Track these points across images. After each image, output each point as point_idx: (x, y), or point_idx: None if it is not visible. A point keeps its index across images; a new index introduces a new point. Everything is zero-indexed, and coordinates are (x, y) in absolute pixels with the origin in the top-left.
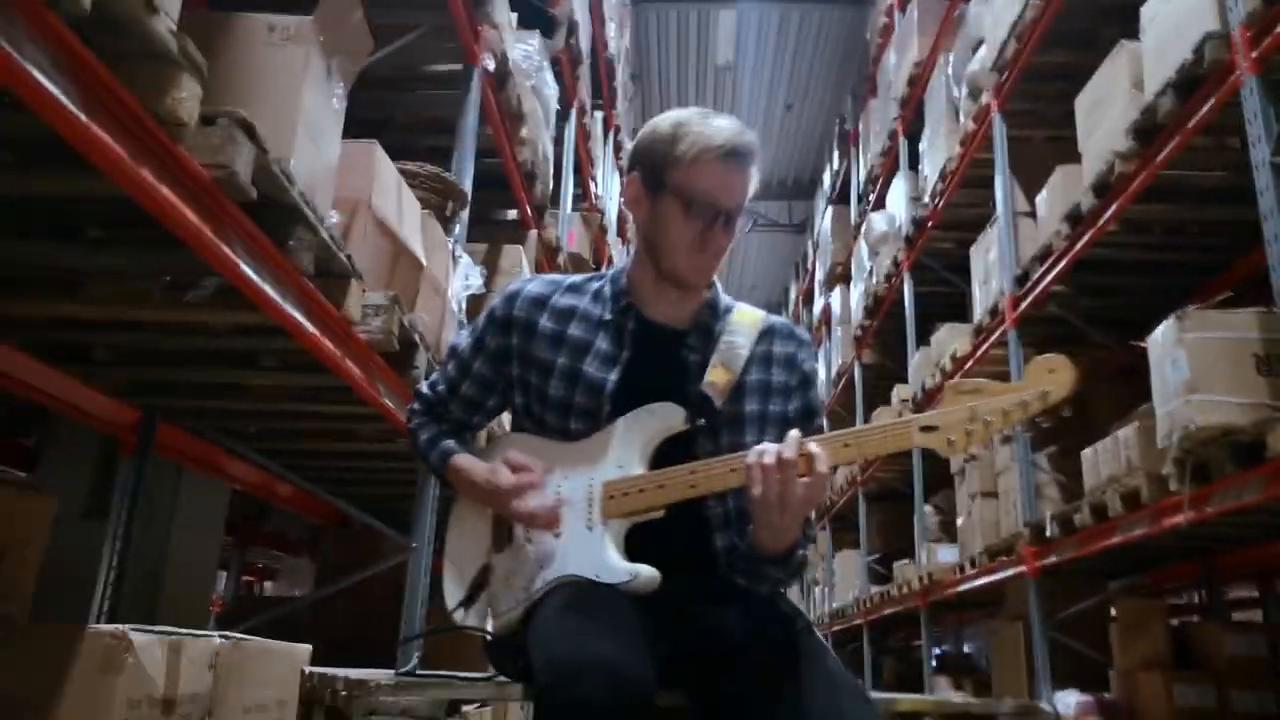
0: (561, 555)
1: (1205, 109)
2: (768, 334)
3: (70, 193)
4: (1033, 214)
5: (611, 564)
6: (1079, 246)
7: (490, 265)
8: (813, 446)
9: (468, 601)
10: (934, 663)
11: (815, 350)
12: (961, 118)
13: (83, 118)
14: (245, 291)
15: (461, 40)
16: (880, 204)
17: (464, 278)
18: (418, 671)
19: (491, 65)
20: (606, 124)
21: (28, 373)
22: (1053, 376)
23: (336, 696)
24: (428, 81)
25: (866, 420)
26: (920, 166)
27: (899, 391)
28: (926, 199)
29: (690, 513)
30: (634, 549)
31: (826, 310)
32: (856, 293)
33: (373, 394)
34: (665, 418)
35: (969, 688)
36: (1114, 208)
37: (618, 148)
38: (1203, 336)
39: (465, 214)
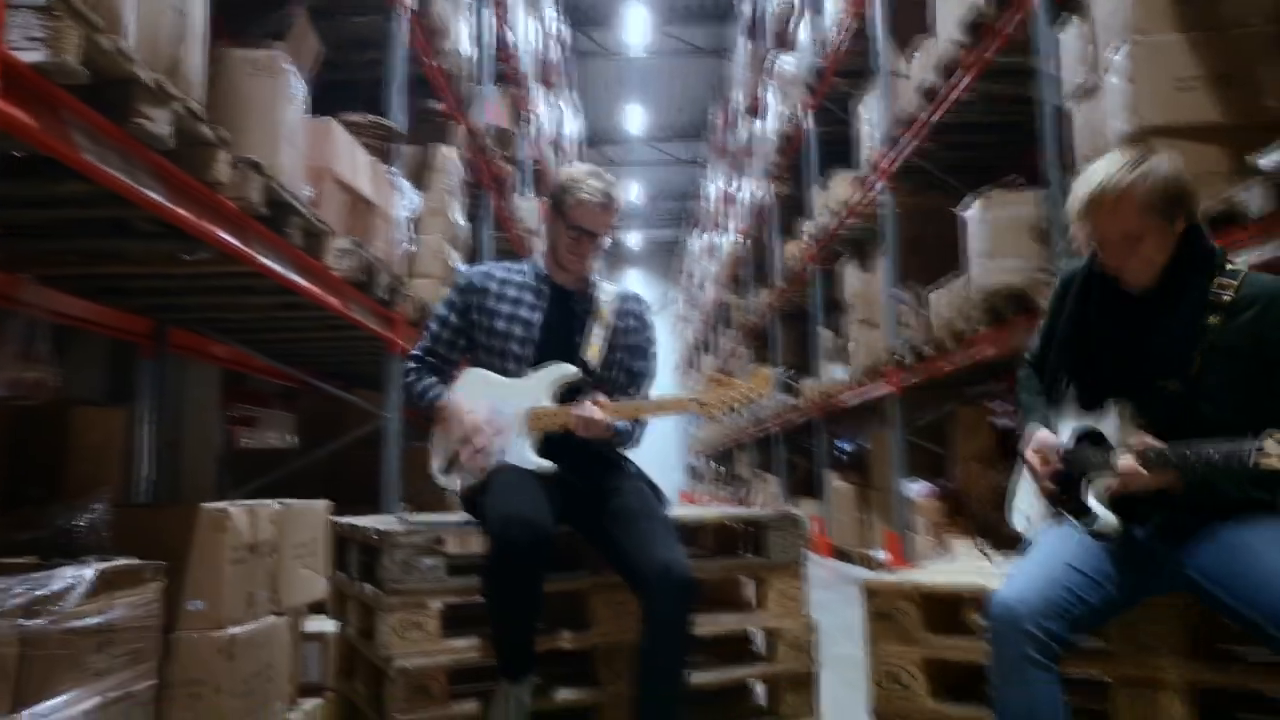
0: (502, 450)
1: (1012, 23)
2: (624, 297)
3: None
4: (908, 75)
5: (529, 458)
6: (933, 118)
7: (424, 164)
8: (604, 413)
9: (446, 471)
10: (831, 460)
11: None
12: None
13: (166, 202)
14: (258, 269)
15: None
16: (789, 45)
17: (405, 202)
18: (411, 516)
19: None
20: None
21: (72, 307)
22: (761, 381)
23: (368, 538)
24: (355, 8)
25: (779, 244)
26: (823, 11)
27: (803, 226)
28: (826, 47)
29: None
30: (545, 449)
31: (743, 143)
32: (768, 128)
33: (347, 312)
34: (565, 372)
35: (855, 479)
36: (956, 88)
37: None
38: (998, 213)
39: (401, 147)
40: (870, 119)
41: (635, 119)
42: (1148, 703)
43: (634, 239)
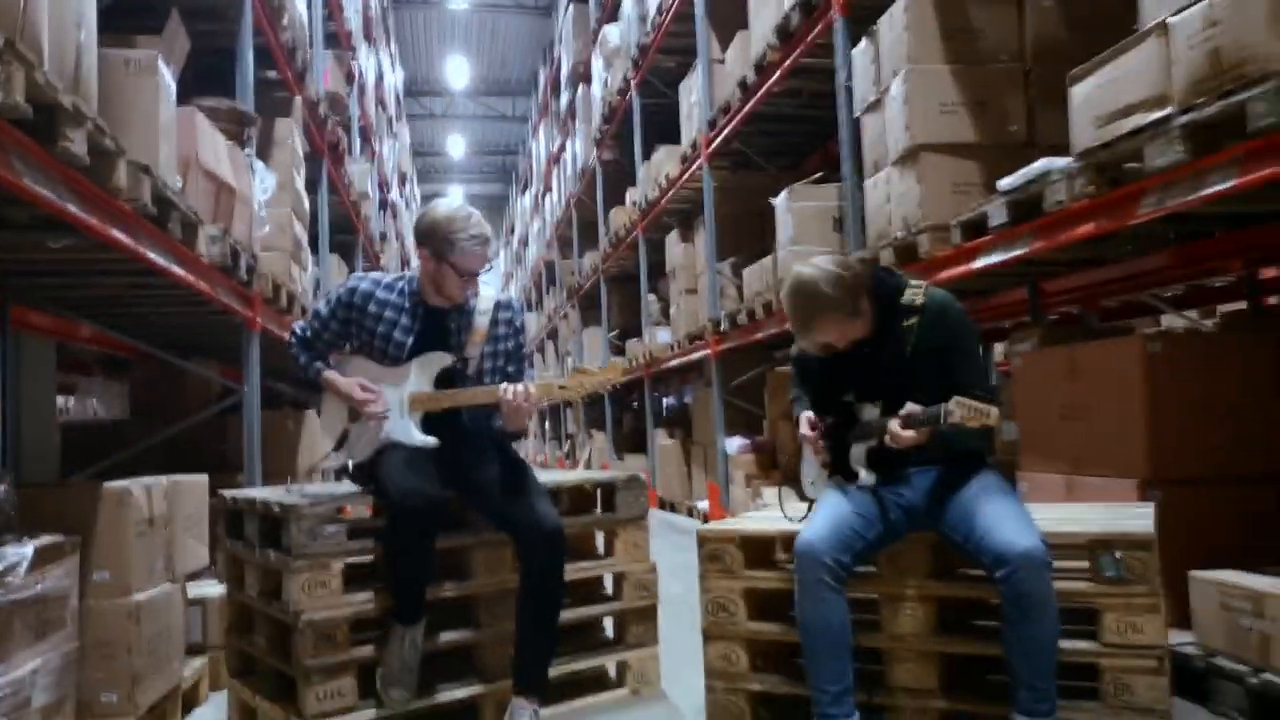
0: (389, 430)
1: (816, 30)
2: (497, 306)
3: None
4: (726, 62)
5: (415, 436)
6: (748, 107)
7: (268, 139)
8: (532, 388)
9: (337, 447)
10: (656, 419)
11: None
12: None
13: (82, 214)
14: (145, 263)
15: None
16: (613, 17)
17: (261, 186)
18: (303, 488)
19: None
20: None
21: None
22: (615, 370)
23: (270, 510)
24: None
25: (607, 209)
26: None
27: (630, 194)
28: (649, 26)
29: (453, 411)
30: (429, 427)
31: (571, 106)
32: (596, 96)
33: (215, 296)
34: (441, 360)
35: (679, 435)
36: (769, 83)
37: None
38: (801, 204)
39: (255, 130)
40: (692, 100)
41: (458, 71)
42: (903, 612)
43: (456, 194)
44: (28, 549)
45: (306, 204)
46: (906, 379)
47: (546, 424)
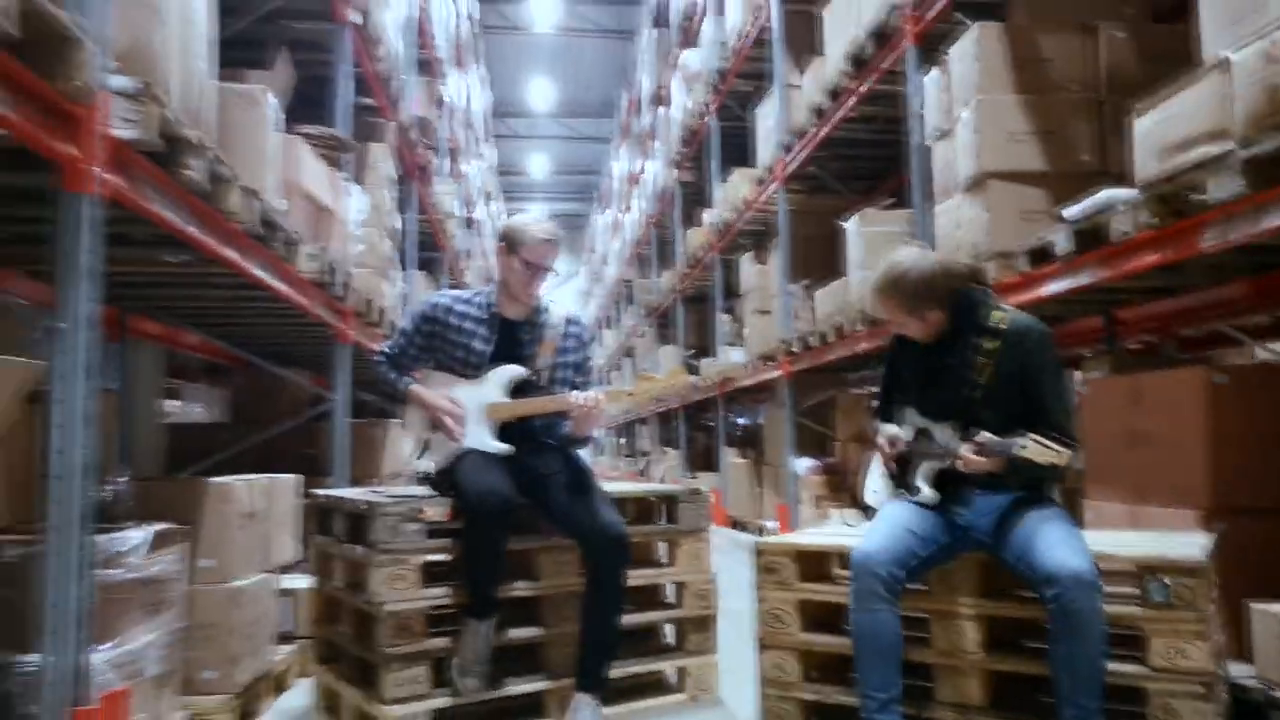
0: (468, 438)
1: (889, 59)
2: (567, 321)
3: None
4: (801, 87)
5: (491, 443)
6: (822, 132)
7: (362, 164)
8: (601, 395)
9: (420, 454)
10: (728, 438)
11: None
12: None
13: (200, 235)
14: (252, 280)
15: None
16: (693, 42)
17: (355, 208)
18: (386, 490)
19: (359, 20)
20: None
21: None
22: (679, 377)
23: (356, 508)
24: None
25: (683, 230)
26: (725, 14)
27: (706, 216)
28: (728, 52)
29: (527, 419)
30: (503, 435)
31: (650, 129)
32: (674, 118)
33: (312, 310)
34: (515, 372)
35: (750, 455)
36: (842, 109)
37: None
38: (871, 229)
39: (351, 156)
40: (768, 124)
41: (542, 94)
42: (953, 629)
43: (536, 212)
44: (147, 534)
45: (396, 223)
46: (981, 402)
47: (621, 440)
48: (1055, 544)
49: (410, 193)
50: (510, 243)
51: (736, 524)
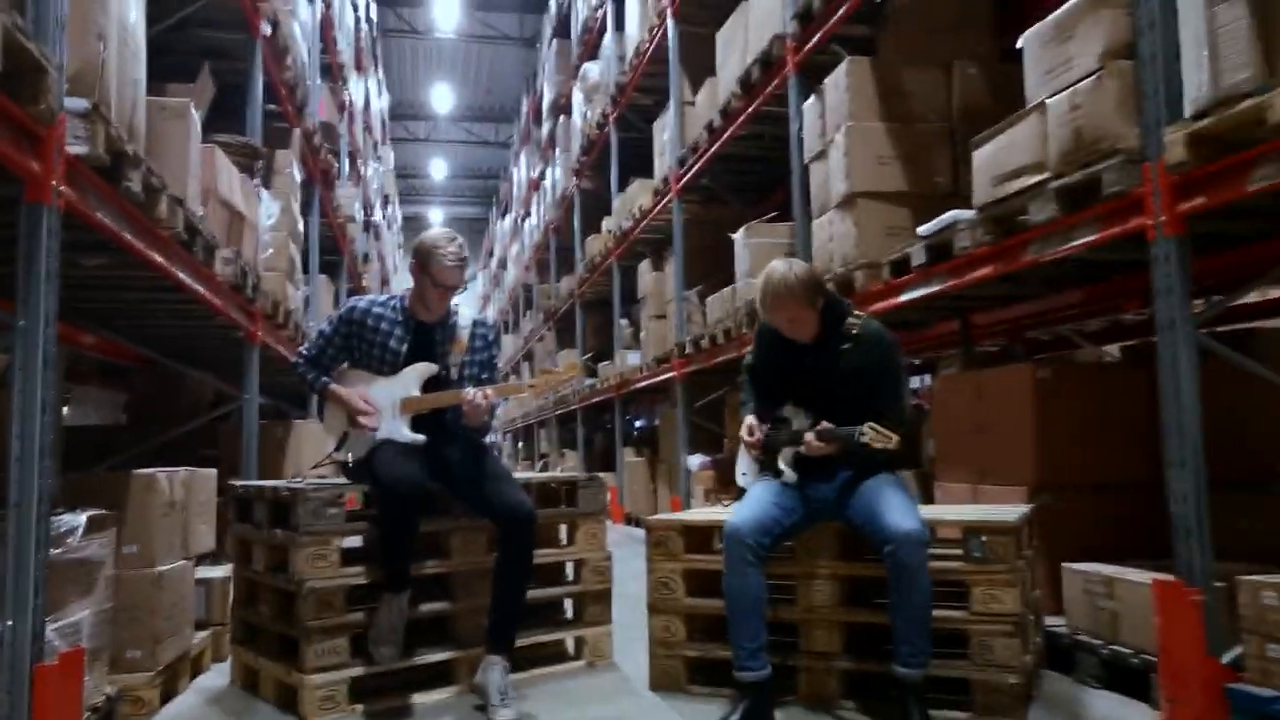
0: (382, 431)
1: (773, 84)
2: (475, 324)
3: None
4: (695, 104)
5: (405, 433)
6: (715, 148)
7: (268, 166)
8: (489, 390)
9: (337, 448)
10: (625, 438)
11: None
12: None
13: (136, 242)
14: (174, 282)
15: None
16: (594, 55)
17: (265, 213)
18: (307, 479)
19: (269, 31)
20: None
21: None
22: (574, 367)
23: (280, 495)
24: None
25: (583, 236)
26: (625, 29)
27: (606, 223)
28: (627, 67)
29: (437, 411)
30: (417, 426)
31: (552, 136)
32: (576, 127)
33: (227, 311)
34: (427, 369)
35: (646, 454)
36: (733, 127)
37: None
38: (757, 240)
39: (263, 163)
40: (665, 137)
41: (442, 98)
42: (814, 589)
43: (436, 215)
44: (82, 518)
45: (301, 227)
46: (835, 396)
47: (520, 444)
48: (892, 509)
49: (313, 197)
50: (422, 261)
51: (633, 520)
